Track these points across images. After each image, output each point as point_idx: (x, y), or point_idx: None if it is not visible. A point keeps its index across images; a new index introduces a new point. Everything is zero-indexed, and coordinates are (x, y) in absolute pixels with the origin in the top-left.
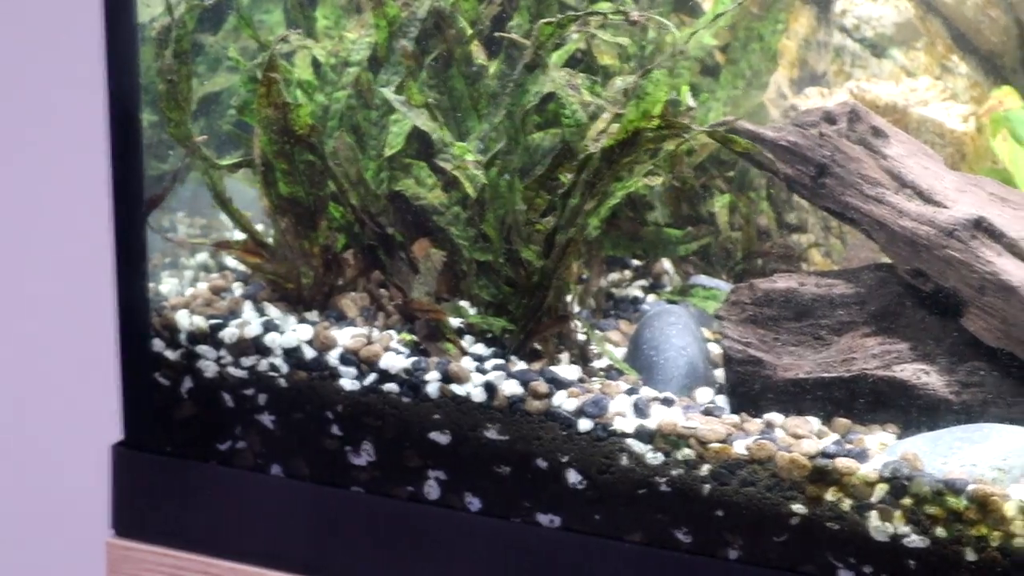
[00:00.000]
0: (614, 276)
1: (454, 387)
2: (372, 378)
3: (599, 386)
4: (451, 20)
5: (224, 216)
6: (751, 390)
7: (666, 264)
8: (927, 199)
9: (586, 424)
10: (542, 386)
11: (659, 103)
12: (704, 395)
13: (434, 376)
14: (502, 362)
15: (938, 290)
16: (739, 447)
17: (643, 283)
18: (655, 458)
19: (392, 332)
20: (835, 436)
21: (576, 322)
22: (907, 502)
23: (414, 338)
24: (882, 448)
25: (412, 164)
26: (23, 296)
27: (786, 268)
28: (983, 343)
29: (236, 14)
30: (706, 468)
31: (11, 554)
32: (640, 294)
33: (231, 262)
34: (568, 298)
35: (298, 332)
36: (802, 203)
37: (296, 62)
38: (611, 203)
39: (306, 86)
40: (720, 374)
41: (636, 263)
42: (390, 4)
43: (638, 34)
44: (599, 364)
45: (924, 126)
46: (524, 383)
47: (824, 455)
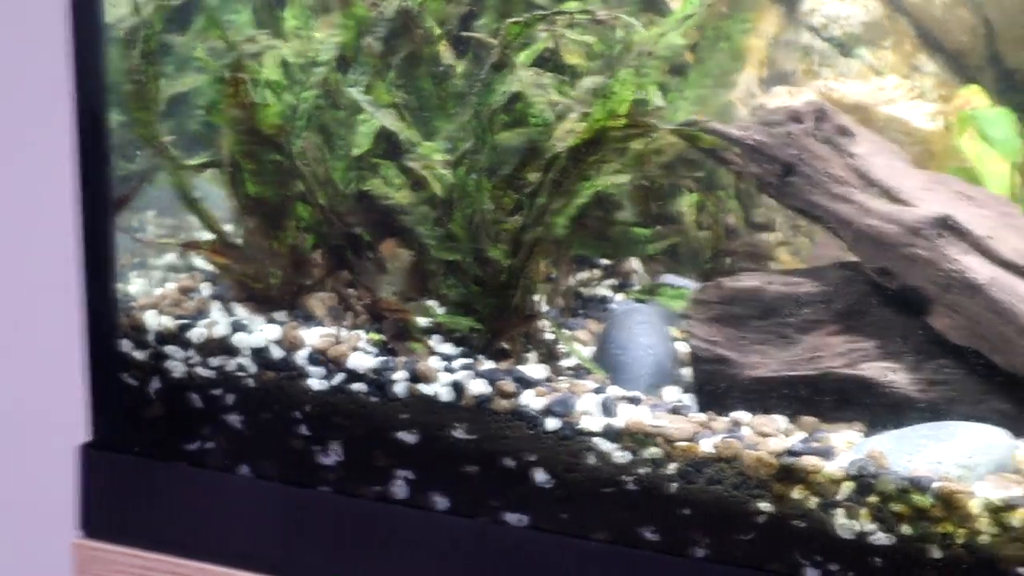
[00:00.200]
0: (582, 275)
1: (422, 386)
2: (340, 378)
3: (566, 385)
4: (419, 20)
5: (195, 216)
6: (718, 388)
7: (634, 263)
8: (893, 197)
9: (553, 423)
10: (509, 385)
11: (625, 102)
12: (671, 394)
13: (402, 376)
14: (470, 361)
15: (904, 288)
16: (706, 445)
17: (611, 282)
18: (622, 457)
19: (360, 332)
20: (801, 434)
21: (544, 321)
22: (873, 500)
23: (382, 338)
24: (848, 446)
25: (380, 164)
26: None
27: (753, 267)
28: (949, 341)
29: (204, 14)
30: (673, 467)
31: None
32: (608, 293)
33: (200, 262)
34: (536, 297)
35: (266, 332)
36: (770, 202)
37: (265, 62)
38: (578, 202)
39: (274, 86)
40: (687, 373)
41: (604, 262)
42: (358, 4)
43: (606, 33)
44: (567, 363)
45: (891, 125)
46: (491, 382)
47: (790, 453)
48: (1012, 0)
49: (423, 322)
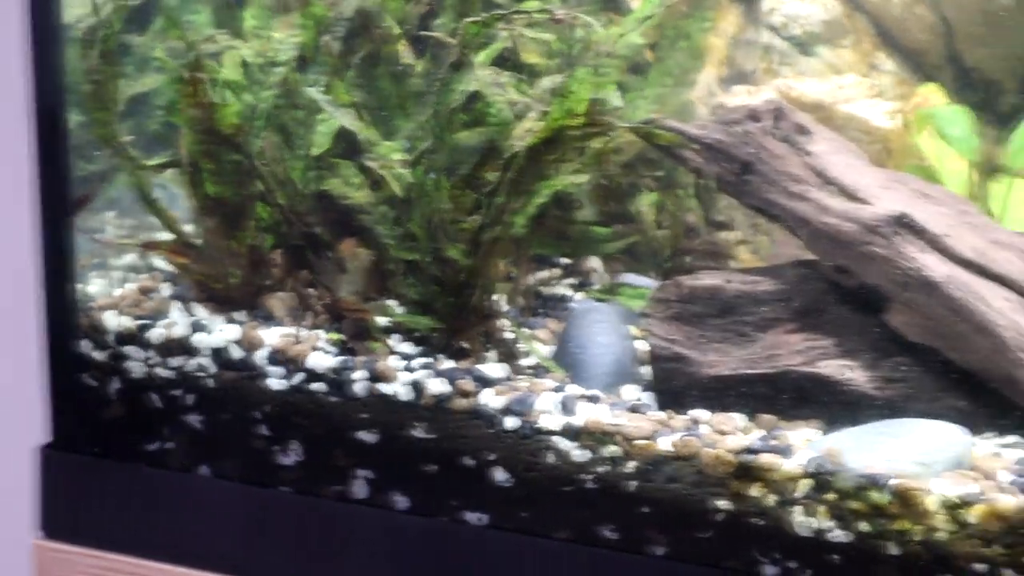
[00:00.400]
0: (543, 274)
1: (381, 386)
2: (300, 377)
3: (526, 384)
4: (378, 19)
5: (155, 217)
6: (676, 387)
7: (594, 262)
8: (851, 196)
9: (513, 422)
10: (469, 384)
11: (583, 101)
12: (630, 392)
13: (361, 375)
14: (429, 361)
15: (862, 286)
16: (664, 444)
17: (571, 281)
18: (581, 455)
19: (319, 331)
20: (760, 432)
21: (503, 320)
22: (831, 497)
23: (341, 337)
24: (806, 444)
25: (339, 163)
26: None
27: (713, 265)
28: (906, 339)
29: (164, 14)
30: (632, 465)
31: None
32: (569, 292)
33: (160, 263)
34: (495, 296)
35: (226, 332)
36: (730, 200)
37: (224, 62)
38: (537, 201)
39: (233, 86)
40: (646, 371)
41: (565, 261)
42: (316, 4)
43: (565, 32)
44: (526, 362)
45: (850, 123)
46: (451, 381)
47: (749, 451)
48: None
49: (383, 321)
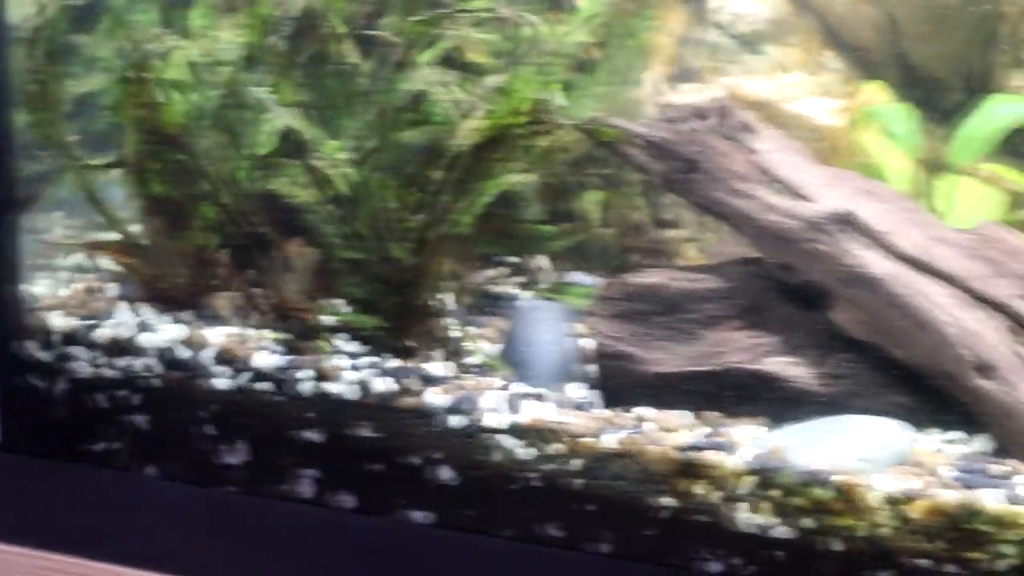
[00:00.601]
0: (490, 273)
1: (327, 385)
2: (246, 377)
3: (472, 382)
4: (323, 19)
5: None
6: (622, 385)
7: (542, 261)
8: (795, 193)
9: (458, 420)
10: (414, 383)
11: (527, 100)
12: (576, 390)
13: (307, 375)
14: (375, 360)
15: (806, 283)
16: (610, 441)
17: (519, 280)
18: (527, 453)
19: (266, 331)
20: (705, 429)
21: (449, 319)
22: (775, 494)
23: (287, 337)
24: (751, 441)
25: (285, 163)
26: None
27: (659, 263)
28: (850, 335)
29: (110, 14)
30: (577, 463)
31: None
32: (516, 291)
33: (107, 263)
34: (442, 295)
35: (172, 332)
36: (678, 198)
37: (170, 62)
38: (483, 200)
39: (180, 86)
40: (592, 369)
41: (513, 260)
42: (262, 3)
43: (511, 31)
44: (472, 360)
45: (796, 121)
46: (397, 380)
47: (693, 448)
48: None
49: (329, 321)
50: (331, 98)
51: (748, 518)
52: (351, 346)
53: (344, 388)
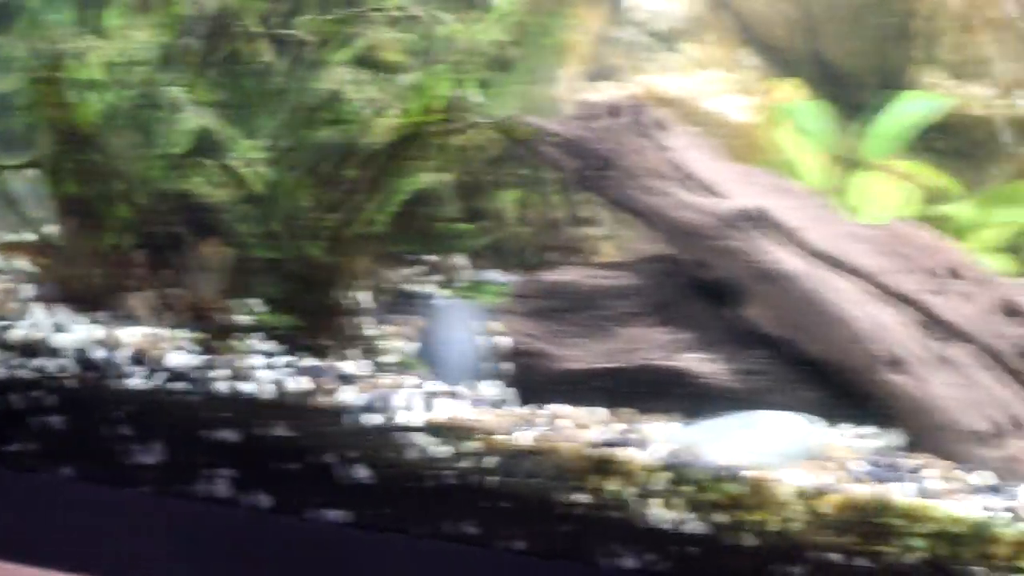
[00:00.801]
0: (407, 271)
1: (243, 385)
2: (162, 377)
3: (388, 381)
4: (238, 18)
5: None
6: (537, 382)
7: (459, 259)
8: (708, 190)
9: (374, 419)
10: (330, 382)
11: (440, 98)
12: (491, 388)
13: (223, 374)
14: (291, 359)
15: (720, 280)
16: (525, 439)
17: (436, 278)
18: (442, 451)
19: (181, 331)
20: (620, 426)
21: (365, 318)
22: (688, 489)
23: (203, 336)
24: (665, 437)
25: (200, 162)
26: None
27: (576, 261)
28: (764, 331)
29: (25, 14)
30: (492, 460)
31: None
32: (432, 289)
33: (22, 263)
34: (359, 294)
35: (87, 332)
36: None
37: (86, 61)
38: (398, 199)
39: (95, 85)
40: (507, 367)
41: (430, 258)
42: (177, 2)
43: (424, 30)
44: (388, 359)
45: (712, 119)
46: (312, 379)
47: (608, 445)
48: None
49: (245, 320)
50: (246, 97)
51: (662, 514)
52: (267, 345)
53: (260, 387)
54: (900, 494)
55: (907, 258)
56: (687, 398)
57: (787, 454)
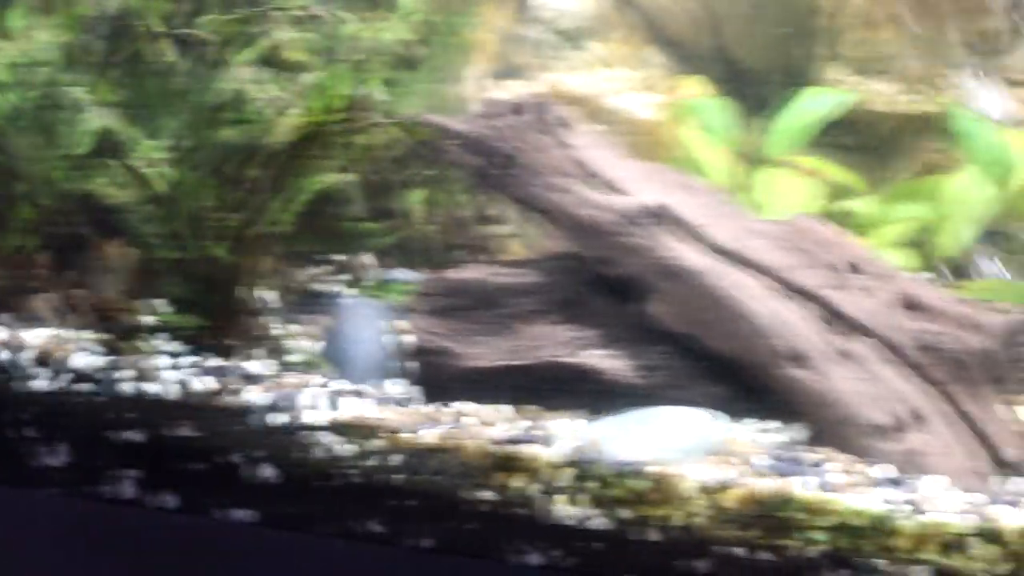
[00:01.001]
0: (314, 270)
1: (148, 385)
2: (66, 379)
3: (294, 380)
4: (141, 18)
5: None
6: (442, 380)
7: (367, 258)
8: (611, 187)
9: (279, 418)
10: (235, 382)
11: (341, 97)
12: (396, 386)
13: (128, 375)
14: (196, 359)
15: (623, 276)
16: (430, 437)
17: (343, 277)
18: (347, 450)
19: (86, 332)
20: (525, 423)
21: (270, 317)
22: (592, 485)
23: (108, 337)
24: (569, 433)
25: (103, 163)
26: None
27: (484, 259)
28: (667, 327)
29: None
30: (398, 458)
31: None
32: (340, 288)
33: None
34: (265, 293)
35: None
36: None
37: None
38: (302, 198)
39: None
40: (413, 365)
41: (338, 257)
42: (79, 3)
43: (328, 29)
44: (294, 358)
45: (617, 116)
46: (217, 379)
47: (513, 442)
48: None
49: (150, 321)
50: (148, 97)
51: (567, 510)
52: (172, 346)
53: (165, 388)
54: (802, 488)
55: (809, 254)
56: (591, 394)
57: (690, 449)
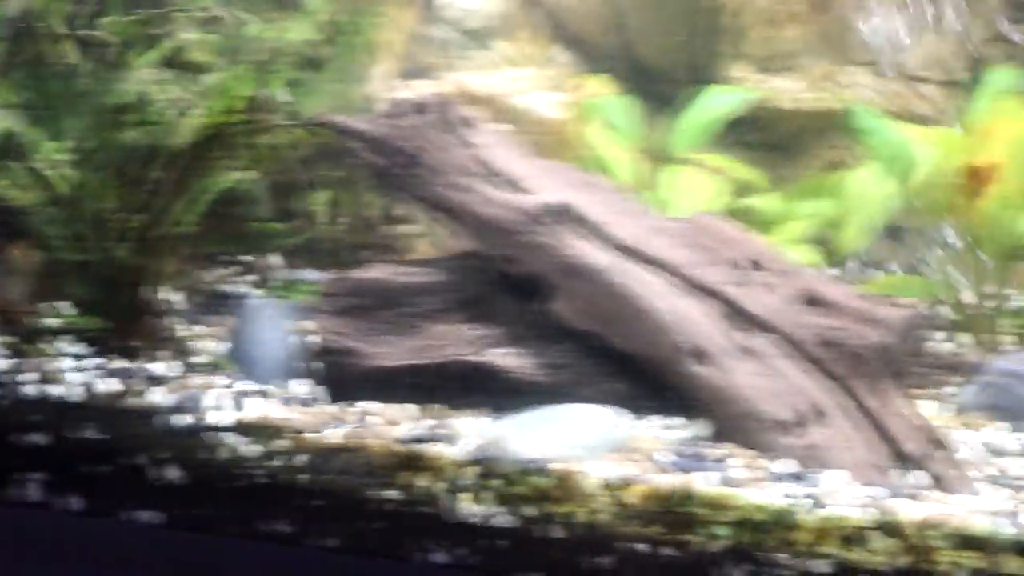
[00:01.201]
0: (222, 271)
1: (52, 388)
2: None
3: (199, 381)
4: (42, 19)
5: None
6: (347, 380)
7: (274, 259)
8: (515, 186)
9: (184, 419)
10: (140, 383)
11: (242, 98)
12: (302, 386)
13: (32, 377)
14: (101, 361)
15: (527, 275)
16: (335, 436)
17: (251, 278)
18: (252, 450)
19: None
20: (430, 422)
21: (177, 318)
22: (497, 483)
23: (11, 340)
24: (474, 432)
25: (5, 165)
26: None
27: (392, 259)
28: (571, 325)
29: None
30: (303, 458)
31: None
32: (247, 289)
33: None
34: (171, 295)
35: None
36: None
37: None
38: (206, 199)
39: None
40: (318, 365)
41: (246, 258)
42: None
43: (234, 30)
44: (199, 359)
45: (523, 115)
46: (122, 381)
47: (417, 441)
48: None
49: (54, 323)
50: (51, 99)
51: (472, 508)
52: (76, 348)
53: (69, 390)
54: (704, 483)
55: (711, 251)
56: (496, 393)
57: (594, 447)
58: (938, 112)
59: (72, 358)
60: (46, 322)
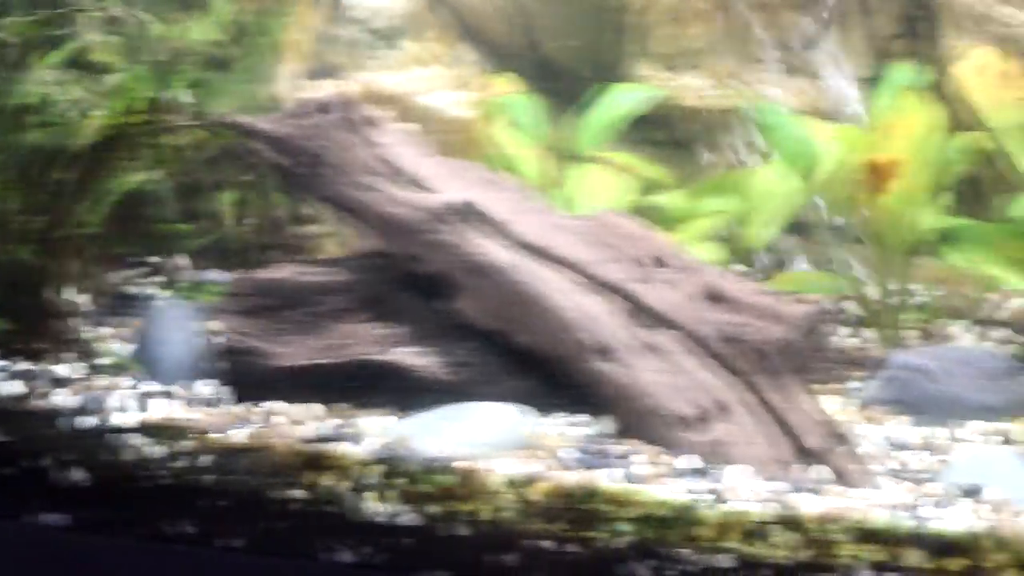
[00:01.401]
0: (128, 272)
1: None
2: None
3: (102, 382)
4: None
5: None
6: (252, 380)
7: (181, 259)
8: (418, 185)
9: (88, 420)
10: (44, 385)
11: (143, 99)
12: (207, 387)
13: None
14: (4, 363)
15: (431, 273)
16: (240, 437)
17: (158, 279)
18: (157, 452)
19: None
20: (335, 421)
21: (82, 320)
22: (401, 482)
23: None
24: (379, 431)
25: None
26: None
27: (299, 259)
28: (476, 324)
29: None
30: (208, 459)
31: None
32: (154, 290)
33: None
34: (76, 296)
35: None
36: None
37: None
38: (110, 200)
39: None
40: (224, 365)
41: (153, 259)
42: None
43: (139, 31)
44: (104, 360)
45: (429, 114)
46: (26, 383)
47: (322, 440)
48: None
49: None
50: None
51: (377, 507)
52: None
53: None
54: (608, 480)
55: (614, 248)
56: (401, 392)
57: (498, 444)
58: (842, 108)
59: None
60: None
